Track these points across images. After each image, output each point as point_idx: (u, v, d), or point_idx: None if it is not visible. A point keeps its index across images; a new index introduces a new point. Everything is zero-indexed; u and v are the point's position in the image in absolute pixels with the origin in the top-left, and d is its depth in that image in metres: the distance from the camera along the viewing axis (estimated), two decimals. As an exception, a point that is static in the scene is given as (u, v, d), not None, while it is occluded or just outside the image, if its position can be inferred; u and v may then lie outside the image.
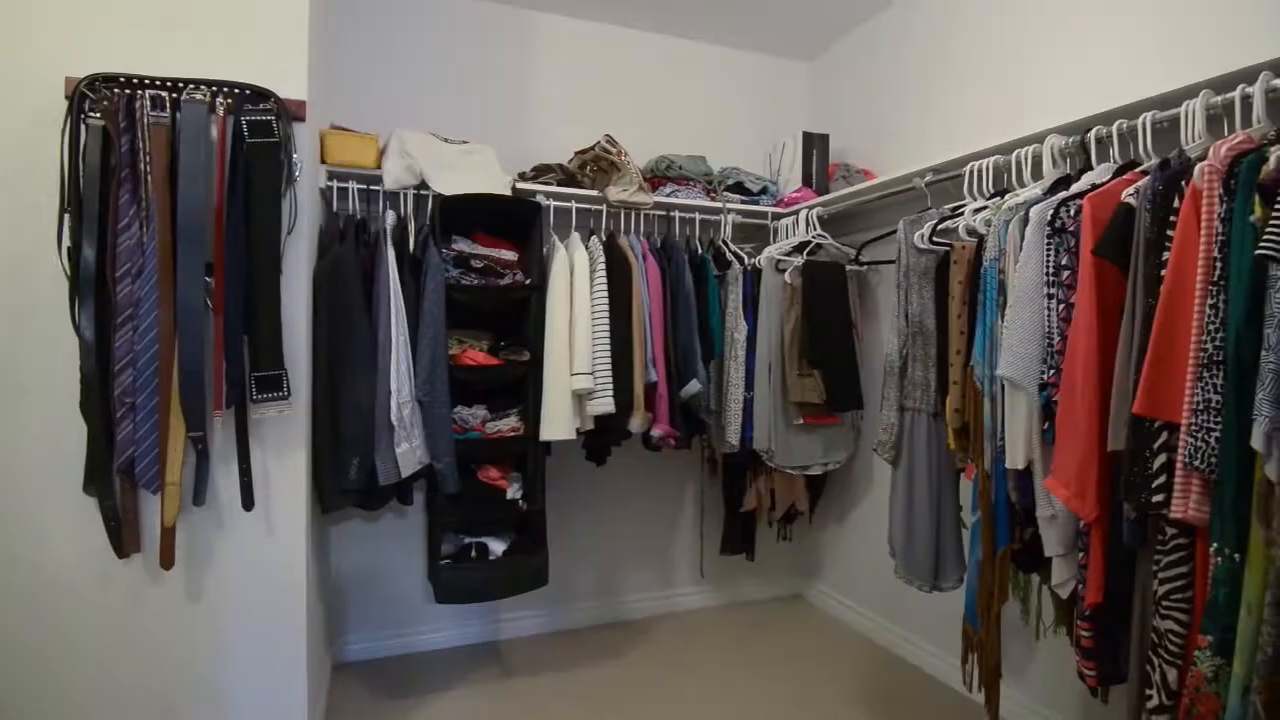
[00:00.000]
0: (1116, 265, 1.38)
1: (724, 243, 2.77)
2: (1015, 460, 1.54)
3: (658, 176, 2.78)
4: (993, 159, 1.97)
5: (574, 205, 2.56)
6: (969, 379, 1.73)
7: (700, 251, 2.74)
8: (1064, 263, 1.49)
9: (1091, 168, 1.65)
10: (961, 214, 1.90)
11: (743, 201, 2.89)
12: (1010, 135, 1.93)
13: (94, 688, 1.71)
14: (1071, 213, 1.49)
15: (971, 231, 1.83)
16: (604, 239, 2.53)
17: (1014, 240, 1.61)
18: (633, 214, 2.65)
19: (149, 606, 1.74)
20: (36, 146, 1.60)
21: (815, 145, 2.92)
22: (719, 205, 2.81)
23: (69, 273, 1.58)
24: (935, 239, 1.96)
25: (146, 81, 1.63)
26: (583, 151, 2.63)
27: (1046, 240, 1.52)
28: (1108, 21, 2.00)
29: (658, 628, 3.01)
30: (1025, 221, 1.58)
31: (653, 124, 3.08)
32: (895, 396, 2.03)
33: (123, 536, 1.65)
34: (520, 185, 2.52)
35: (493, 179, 2.42)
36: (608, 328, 2.37)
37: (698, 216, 2.79)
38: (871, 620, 2.93)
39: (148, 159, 1.59)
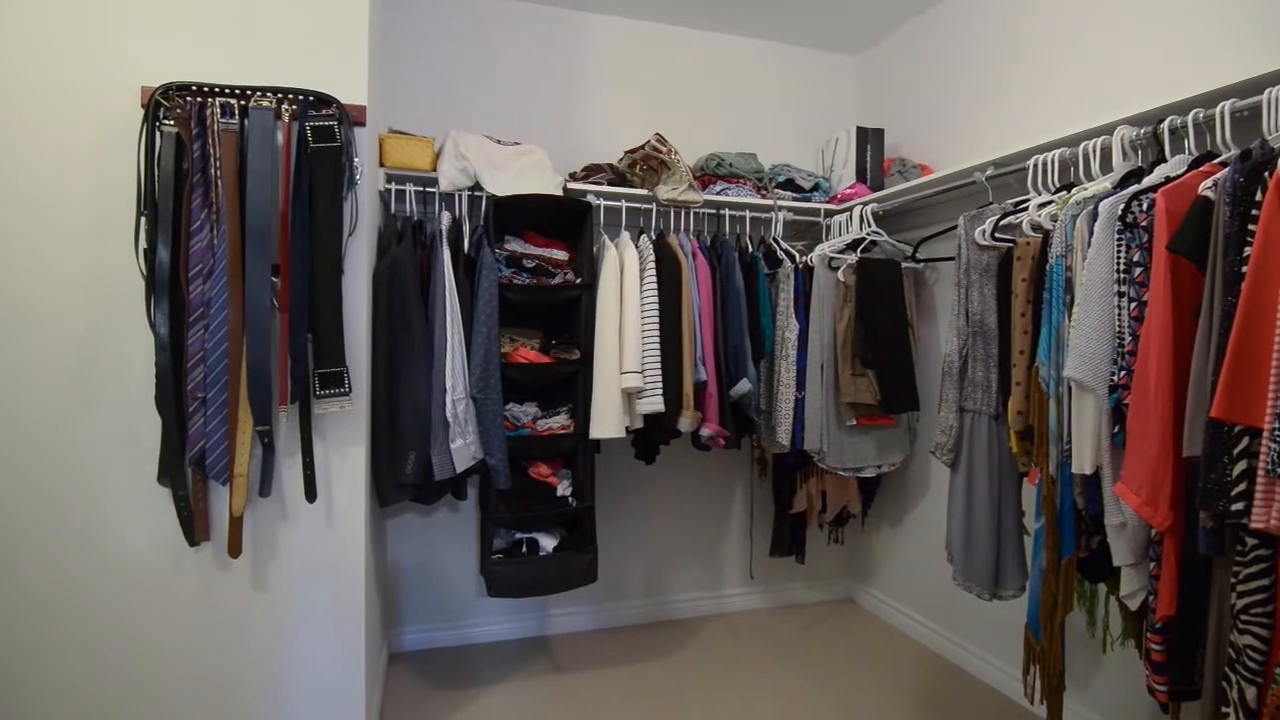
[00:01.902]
0: (1193, 262, 1.32)
1: (775, 240, 2.74)
2: (1082, 465, 1.49)
3: (708, 174, 2.77)
4: (1058, 152, 1.89)
5: (624, 204, 2.57)
6: (1033, 380, 1.67)
7: (751, 249, 2.72)
8: (1135, 259, 1.43)
9: (1165, 160, 1.58)
10: (1025, 209, 1.84)
11: (794, 198, 2.86)
12: (1077, 127, 1.86)
13: (165, 667, 1.80)
14: (1144, 207, 1.43)
15: (1036, 227, 1.77)
16: (654, 238, 2.53)
17: (1082, 236, 1.55)
18: (683, 212, 2.64)
19: (217, 593, 1.82)
20: (116, 153, 1.70)
21: (869, 140, 2.86)
22: (770, 203, 2.78)
23: (145, 273, 1.66)
24: (997, 235, 1.90)
25: (216, 90, 1.69)
26: (633, 151, 2.64)
27: (1117, 236, 1.45)
28: (1181, 5, 1.90)
29: (706, 628, 3.00)
30: (1094, 216, 1.52)
31: (703, 122, 3.07)
32: (954, 397, 1.97)
33: (194, 526, 1.74)
34: (571, 185, 2.54)
35: (544, 179, 2.45)
36: (657, 326, 2.37)
37: (748, 214, 2.77)
38: (926, 627, 2.86)
39: (218, 164, 1.66)
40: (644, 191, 2.60)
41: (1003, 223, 1.90)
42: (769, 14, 2.98)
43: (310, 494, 1.81)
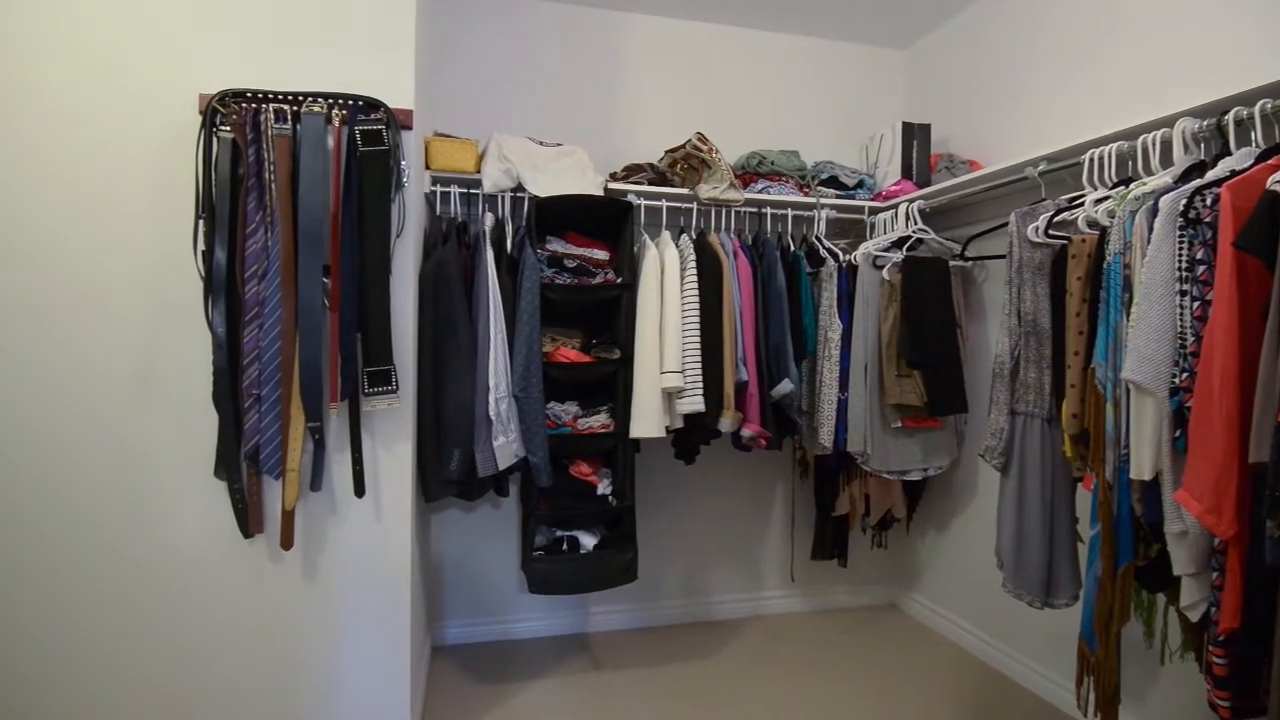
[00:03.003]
0: (1260, 259, 1.26)
1: (817, 239, 2.71)
2: (1141, 470, 1.43)
3: (749, 173, 2.75)
4: (1115, 145, 1.83)
5: (664, 204, 2.57)
6: (1089, 382, 1.62)
7: (793, 248, 2.69)
8: (1199, 256, 1.37)
9: (1230, 153, 1.51)
10: (1081, 205, 1.78)
11: (837, 196, 2.82)
12: (1135, 120, 1.79)
13: (221, 653, 1.86)
14: (1208, 202, 1.37)
15: (1093, 224, 1.71)
16: (694, 237, 2.52)
17: (1141, 232, 1.49)
18: (724, 211, 2.63)
19: (269, 583, 1.88)
20: (175, 159, 1.76)
21: (916, 136, 2.80)
22: (812, 200, 2.74)
23: (203, 274, 1.72)
24: (1051, 232, 1.84)
25: (270, 96, 1.75)
26: (673, 150, 2.63)
27: (1179, 232, 1.40)
28: (1250, -9, 1.82)
29: (745, 629, 2.98)
30: (1154, 212, 1.46)
31: (744, 120, 3.06)
32: (1005, 400, 1.92)
33: (248, 518, 1.80)
34: (612, 185, 2.55)
35: (585, 180, 2.46)
36: (698, 326, 2.36)
37: (790, 212, 2.74)
38: (973, 634, 2.79)
39: (272, 168, 1.71)
40: (685, 191, 2.60)
41: (1057, 219, 1.84)
42: (812, 10, 2.95)
43: (359, 489, 1.85)
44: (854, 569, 3.06)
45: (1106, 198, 1.72)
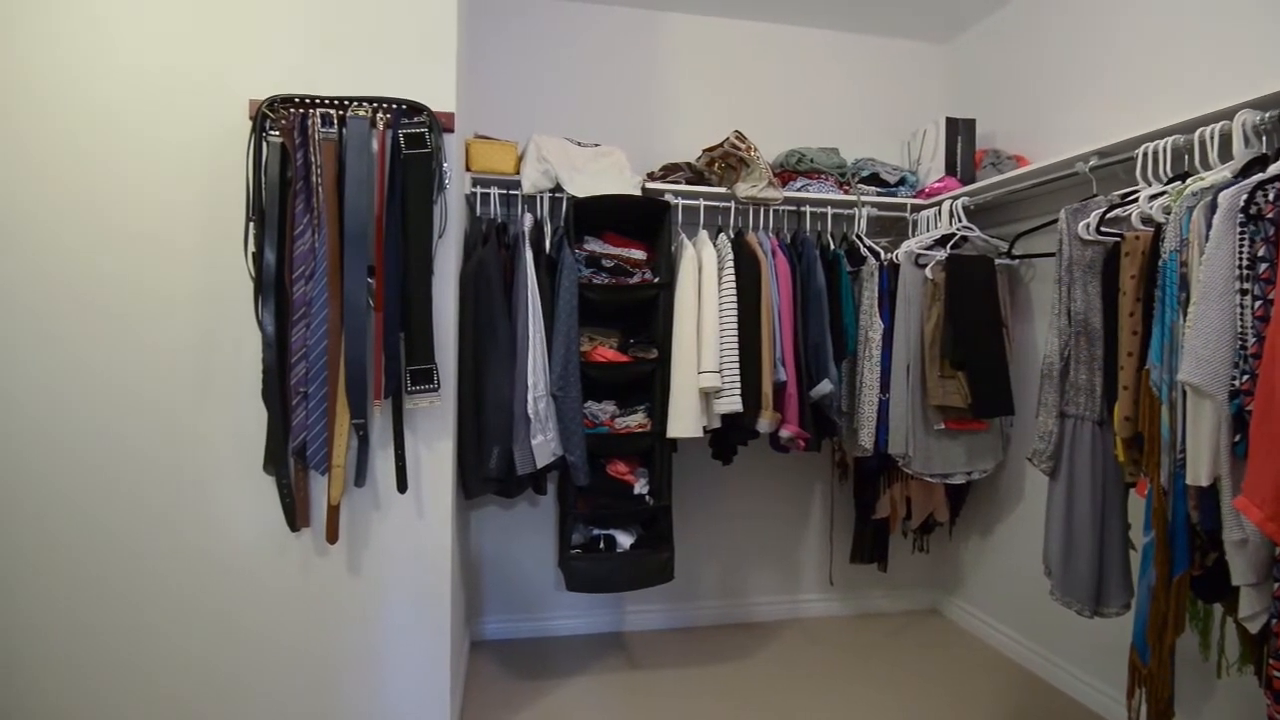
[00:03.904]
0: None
1: (858, 237, 2.67)
2: (1198, 476, 1.38)
3: (788, 171, 2.73)
4: (1170, 139, 1.77)
5: (702, 203, 2.56)
6: (1143, 384, 1.57)
7: (833, 247, 2.66)
8: (1260, 254, 1.31)
9: (1296, 145, 1.45)
10: (1134, 201, 1.72)
11: (878, 193, 2.78)
12: (1192, 112, 1.73)
13: (268, 641, 1.92)
14: (1270, 197, 1.31)
15: (1147, 220, 1.66)
16: (732, 236, 2.51)
17: (1199, 229, 1.44)
18: (762, 210, 2.61)
19: (315, 576, 1.93)
20: (226, 163, 1.82)
21: (960, 131, 2.74)
22: (852, 198, 2.71)
23: (254, 275, 1.77)
24: (1103, 229, 1.79)
25: (317, 101, 1.79)
26: (711, 149, 2.62)
27: (1239, 229, 1.34)
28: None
29: (782, 632, 2.96)
30: (1213, 208, 1.41)
31: (783, 118, 3.03)
32: (1055, 402, 1.87)
33: (295, 512, 1.84)
34: (649, 185, 2.56)
35: (623, 180, 2.47)
36: (736, 326, 2.35)
37: (830, 211, 2.71)
38: (1018, 642, 2.72)
39: (319, 171, 1.76)
40: (722, 190, 2.59)
41: (1109, 216, 1.79)
42: (851, 5, 2.91)
43: (401, 485, 1.89)
44: (894, 573, 3.01)
45: (1162, 193, 1.67)
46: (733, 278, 2.38)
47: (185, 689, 1.89)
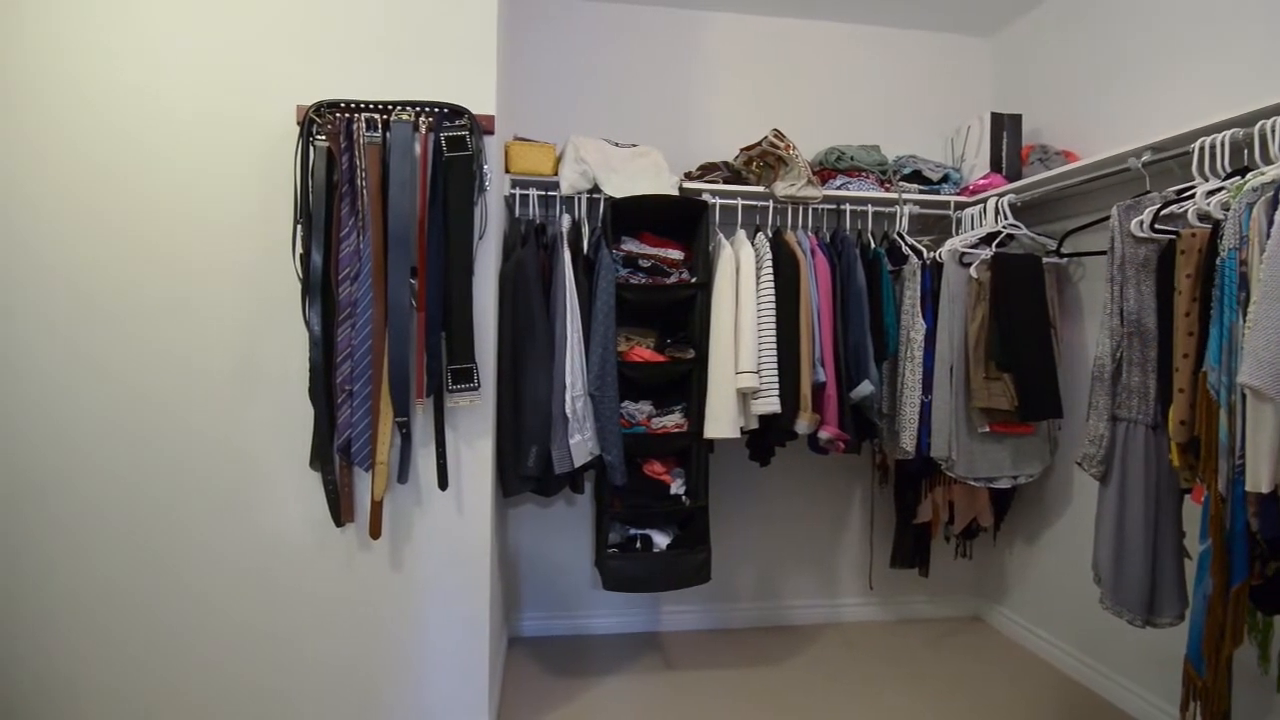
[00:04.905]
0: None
1: (899, 235, 2.63)
2: (1258, 482, 1.33)
3: (827, 169, 2.70)
4: (1229, 133, 1.70)
5: (739, 202, 2.55)
6: (1200, 387, 1.51)
7: (873, 245, 2.62)
8: (1330, 251, 1.26)
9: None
10: (1190, 197, 1.66)
11: (921, 191, 2.73)
12: (1252, 105, 1.66)
13: (312, 634, 1.98)
14: (1341, 191, 1.25)
15: (1204, 217, 1.60)
16: (770, 235, 2.49)
17: (1260, 226, 1.39)
18: (800, 209, 2.59)
19: (358, 569, 1.98)
20: (275, 167, 1.88)
21: (1006, 127, 2.68)
22: (894, 196, 2.67)
23: (301, 276, 1.82)
24: (1157, 226, 1.73)
25: (361, 105, 1.84)
26: (749, 148, 2.61)
27: (1306, 224, 1.29)
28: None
29: (820, 636, 2.92)
30: (1275, 204, 1.36)
31: (822, 115, 3.00)
32: (1106, 405, 1.81)
33: (340, 508, 1.89)
34: (687, 185, 2.55)
35: (660, 180, 2.47)
36: (774, 325, 2.33)
37: (870, 209, 2.67)
38: (1065, 652, 2.64)
39: (364, 174, 1.80)
40: (760, 189, 2.57)
41: (1163, 213, 1.72)
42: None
43: (443, 482, 1.92)
44: (936, 579, 2.95)
45: (1220, 189, 1.61)
46: (771, 277, 2.36)
47: (236, 670, 1.96)
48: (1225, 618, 1.47)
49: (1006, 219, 2.48)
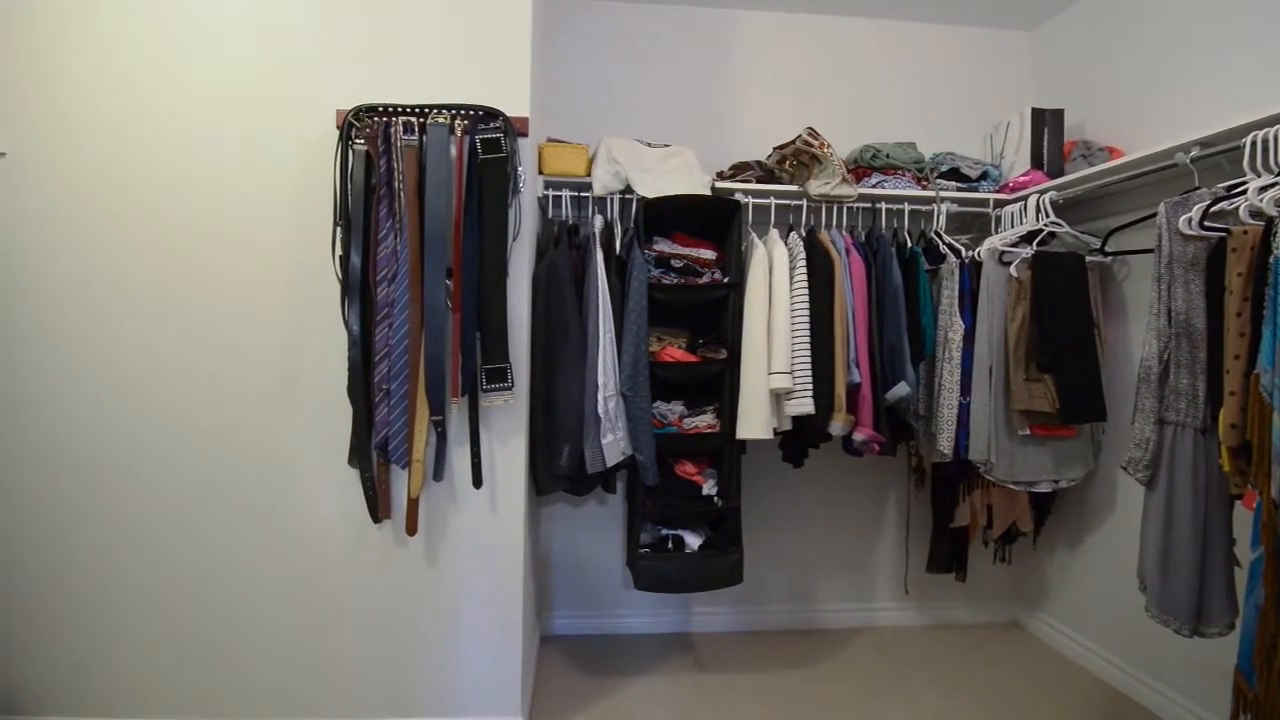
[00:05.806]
0: None
1: (936, 234, 2.59)
2: (1316, 489, 1.28)
3: (862, 167, 2.66)
4: (1284, 127, 1.64)
5: (773, 201, 2.53)
6: (1252, 389, 1.46)
7: (910, 244, 2.58)
8: (1394, 248, 1.21)
9: None
10: (1242, 193, 1.61)
11: (958, 189, 2.68)
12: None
13: (349, 627, 2.02)
14: (1407, 185, 1.20)
15: (1257, 214, 1.54)
16: (804, 234, 2.47)
17: (1319, 222, 1.33)
18: (835, 208, 2.56)
19: (394, 566, 2.01)
20: (314, 170, 1.92)
21: (1047, 122, 2.62)
22: (931, 194, 2.62)
23: (340, 277, 1.86)
24: (1207, 224, 1.67)
25: (399, 109, 1.87)
26: (782, 146, 2.59)
27: (1368, 221, 1.23)
28: None
29: (854, 640, 2.89)
30: (1336, 199, 1.30)
31: (857, 113, 2.96)
32: (1153, 407, 1.76)
33: (378, 504, 1.92)
34: (719, 184, 2.54)
35: (692, 179, 2.47)
36: (807, 326, 2.31)
37: (906, 207, 2.63)
38: (1107, 660, 2.57)
39: (401, 177, 1.83)
40: (794, 188, 2.55)
41: (1213, 210, 1.67)
42: (929, -6, 2.82)
43: (477, 480, 1.95)
44: (973, 584, 2.90)
45: (1273, 184, 1.55)
46: (804, 276, 2.34)
47: (267, 666, 2.01)
48: (1278, 628, 1.42)
49: (1048, 217, 2.42)
